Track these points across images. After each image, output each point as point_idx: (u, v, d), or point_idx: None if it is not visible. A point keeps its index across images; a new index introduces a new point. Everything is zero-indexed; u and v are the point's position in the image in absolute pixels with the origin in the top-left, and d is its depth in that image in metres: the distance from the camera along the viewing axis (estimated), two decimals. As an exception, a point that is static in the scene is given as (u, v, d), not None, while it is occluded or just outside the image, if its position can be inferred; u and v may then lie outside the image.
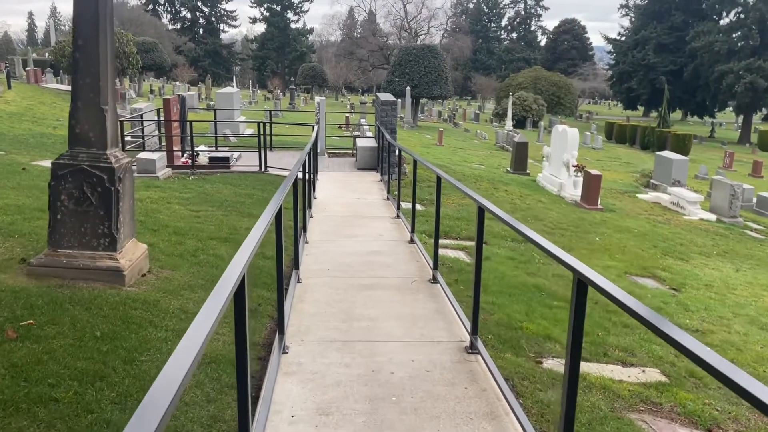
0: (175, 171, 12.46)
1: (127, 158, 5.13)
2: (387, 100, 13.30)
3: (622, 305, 2.18)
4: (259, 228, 2.86)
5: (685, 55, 64.55)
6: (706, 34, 58.86)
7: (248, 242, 2.58)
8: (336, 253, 6.74)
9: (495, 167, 23.05)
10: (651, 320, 1.99)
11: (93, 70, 4.69)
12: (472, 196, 4.25)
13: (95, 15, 4.61)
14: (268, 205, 3.71)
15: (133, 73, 34.25)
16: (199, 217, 7.89)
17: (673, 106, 62.39)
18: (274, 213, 3.38)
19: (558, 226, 11.11)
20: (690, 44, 61.37)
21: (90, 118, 4.78)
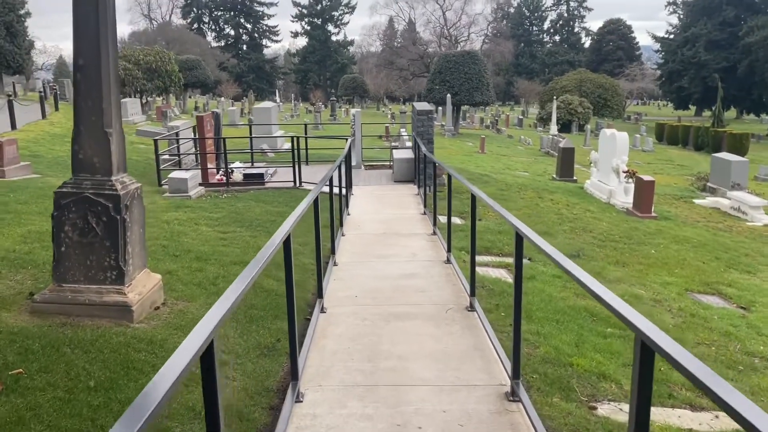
0: (208, 189, 12.26)
1: (136, 184, 4.79)
2: (423, 110, 12.81)
3: (697, 382, 1.62)
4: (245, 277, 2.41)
5: (738, 51, 61.89)
6: (761, 28, 56.29)
7: (223, 301, 2.14)
8: (366, 277, 6.27)
9: (540, 174, 22.23)
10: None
11: (95, 92, 4.38)
12: (510, 220, 3.71)
13: (96, 33, 4.31)
14: (275, 234, 3.27)
15: (175, 90, 34.77)
16: (225, 240, 7.56)
17: (727, 104, 59.82)
18: (274, 249, 2.93)
19: (609, 237, 10.37)
20: (743, 40, 58.84)
21: (93, 142, 4.46)
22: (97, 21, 4.30)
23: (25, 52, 49.61)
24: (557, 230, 10.41)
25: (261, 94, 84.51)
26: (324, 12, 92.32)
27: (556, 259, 2.82)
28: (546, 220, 11.18)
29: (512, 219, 3.72)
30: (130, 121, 26.50)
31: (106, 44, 4.36)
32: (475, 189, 5.04)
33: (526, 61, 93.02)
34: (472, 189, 5.06)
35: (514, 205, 12.40)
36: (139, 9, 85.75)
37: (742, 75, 61.05)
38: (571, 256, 8.74)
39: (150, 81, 31.00)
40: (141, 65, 30.70)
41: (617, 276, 7.96)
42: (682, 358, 1.67)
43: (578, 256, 8.71)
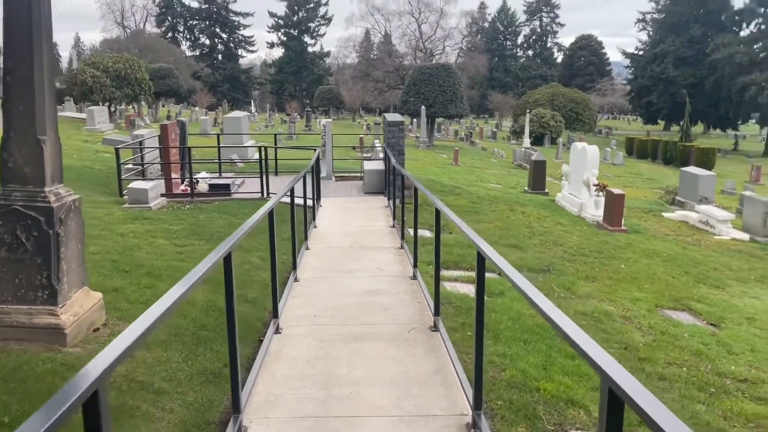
0: (171, 200, 11.85)
1: (74, 195, 4.44)
2: (394, 121, 12.61)
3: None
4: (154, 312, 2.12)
5: (705, 67, 63.24)
6: (727, 46, 57.65)
7: (110, 349, 1.83)
8: (328, 294, 5.98)
9: (512, 186, 22.20)
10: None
11: (27, 95, 4.04)
12: (473, 239, 3.45)
13: (28, 31, 3.98)
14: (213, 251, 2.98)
15: (146, 99, 34.11)
16: (182, 254, 7.20)
17: (695, 119, 61.00)
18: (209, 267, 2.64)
19: (579, 251, 10.23)
20: (710, 57, 60.16)
21: (25, 150, 4.11)
22: (29, 19, 3.97)
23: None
24: (528, 244, 10.25)
25: (236, 104, 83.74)
26: (300, 23, 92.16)
27: (520, 287, 2.57)
28: (517, 233, 11.02)
29: (474, 237, 3.47)
30: (97, 129, 25.84)
31: (40, 44, 4.03)
32: (439, 203, 4.80)
33: (500, 75, 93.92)
34: (436, 203, 4.82)
35: (486, 217, 12.24)
36: (113, 16, 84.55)
37: (709, 91, 62.36)
38: (541, 270, 8.58)
39: (119, 89, 30.33)
40: (110, 72, 30.03)
41: (587, 291, 7.79)
42: (656, 414, 1.43)
43: (548, 270, 8.54)
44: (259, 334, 4.98)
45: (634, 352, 5.52)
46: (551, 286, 7.79)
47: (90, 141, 21.48)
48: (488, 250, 3.19)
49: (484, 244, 3.28)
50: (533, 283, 7.19)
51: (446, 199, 14.10)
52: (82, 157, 16.93)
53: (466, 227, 3.86)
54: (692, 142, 44.69)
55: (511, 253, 9.44)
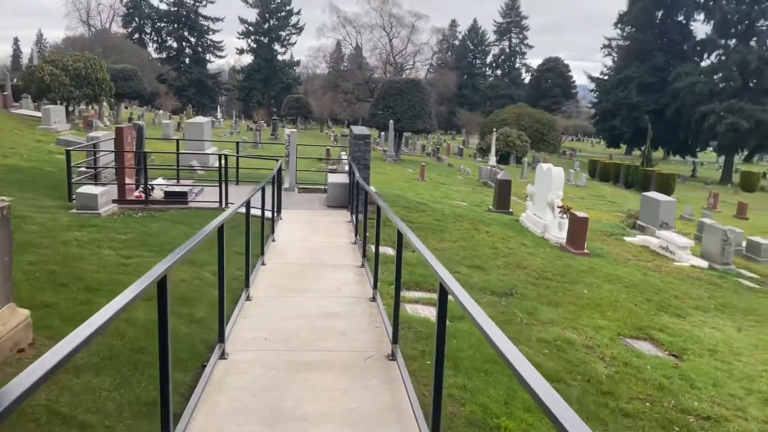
0: (123, 207, 11.34)
1: (2, 203, 4.04)
2: (360, 134, 12.36)
3: None
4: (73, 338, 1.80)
5: (667, 95, 64.99)
6: (688, 75, 59.43)
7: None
8: (281, 316, 5.64)
9: (477, 204, 22.16)
10: None
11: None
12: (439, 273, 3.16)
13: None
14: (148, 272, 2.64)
15: (107, 100, 33.15)
16: (128, 266, 6.77)
17: (656, 144, 62.52)
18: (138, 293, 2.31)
19: (543, 275, 10.10)
20: (672, 84, 61.87)
21: (-56, 151, 3.72)
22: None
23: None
24: (491, 265, 10.08)
25: (202, 109, 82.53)
26: (271, 31, 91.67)
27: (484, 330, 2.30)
28: (481, 253, 10.85)
29: (439, 269, 3.20)
30: (52, 129, 24.91)
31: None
32: (402, 225, 4.53)
33: (469, 93, 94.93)
34: (399, 226, 4.55)
35: (450, 236, 12.05)
36: (78, 14, 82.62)
37: (670, 117, 64.06)
38: (504, 294, 8.39)
39: (78, 88, 29.37)
40: (69, 71, 29.08)
41: (550, 317, 7.62)
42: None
43: (511, 294, 8.36)
44: (204, 359, 4.62)
45: (597, 386, 5.33)
46: (514, 311, 7.59)
47: (43, 141, 20.65)
48: (450, 282, 2.93)
49: (446, 275, 3.02)
50: (496, 307, 6.98)
51: (411, 215, 13.89)
52: (33, 158, 16.20)
53: (426, 253, 3.60)
54: (653, 167, 45.75)
55: (475, 275, 9.25)
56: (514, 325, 6.97)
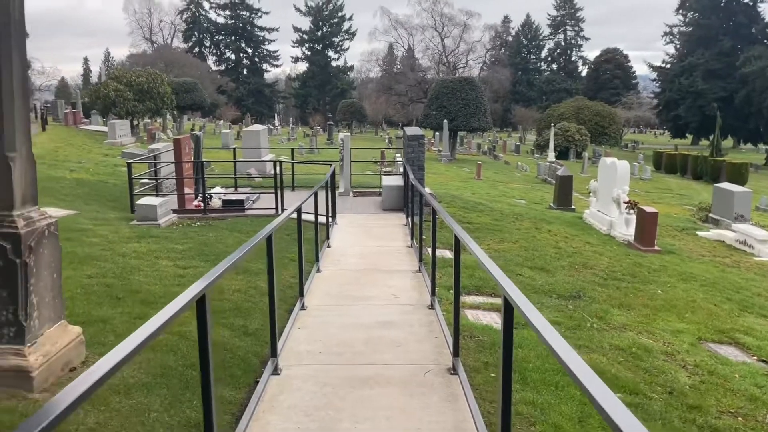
0: (183, 216, 11.46)
1: (49, 219, 3.98)
2: (414, 135, 12.09)
3: None
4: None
5: (735, 80, 61.90)
6: (758, 59, 56.33)
7: None
8: (336, 326, 5.44)
9: (537, 202, 21.51)
10: None
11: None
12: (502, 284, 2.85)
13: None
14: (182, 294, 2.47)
15: (170, 112, 34.17)
16: (184, 277, 6.73)
17: (725, 133, 59.54)
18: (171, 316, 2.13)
19: (611, 275, 9.55)
20: (740, 70, 58.84)
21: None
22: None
23: (21, 72, 49.20)
24: (556, 266, 9.60)
25: (260, 118, 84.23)
26: (324, 38, 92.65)
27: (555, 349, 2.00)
28: (543, 254, 10.38)
29: (504, 282, 2.88)
30: (117, 142, 25.80)
31: (9, 50, 3.60)
32: (460, 230, 4.23)
33: (524, 89, 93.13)
34: (456, 230, 4.26)
35: (510, 236, 11.61)
36: (141, 32, 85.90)
37: (739, 104, 60.95)
38: (571, 297, 7.93)
39: (141, 102, 30.36)
40: (132, 86, 30.10)
41: (622, 321, 7.13)
42: None
43: (579, 297, 7.89)
44: (257, 374, 4.45)
45: (681, 398, 4.86)
46: (583, 315, 7.14)
47: (109, 155, 21.35)
48: (516, 295, 2.63)
49: (513, 289, 2.71)
50: (563, 311, 6.56)
51: (469, 215, 13.51)
52: (99, 171, 16.72)
53: (487, 261, 3.30)
54: (723, 157, 43.48)
55: (539, 277, 8.82)
56: (584, 331, 6.54)
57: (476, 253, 3.55)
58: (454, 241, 4.41)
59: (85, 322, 4.89)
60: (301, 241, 5.86)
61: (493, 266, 3.14)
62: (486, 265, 3.21)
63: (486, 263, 3.21)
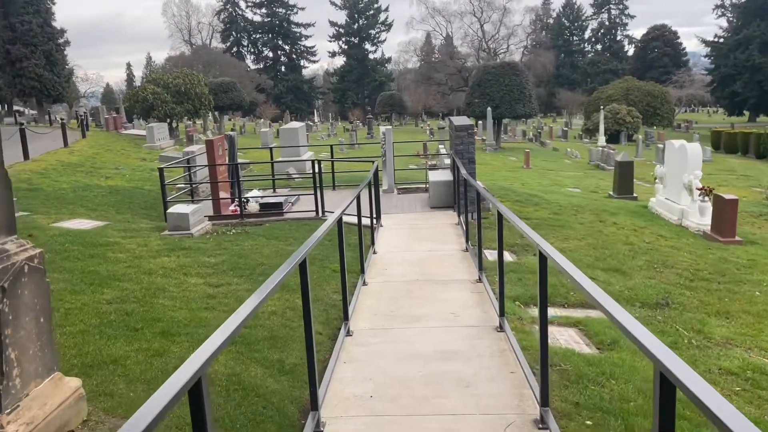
0: (219, 223, 10.77)
1: (31, 251, 3.20)
2: (462, 125, 11.09)
3: None
4: None
5: (796, 52, 58.27)
6: (821, 26, 52.71)
7: None
8: (389, 358, 4.55)
9: (592, 190, 20.18)
10: None
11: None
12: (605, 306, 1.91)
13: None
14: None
15: (205, 113, 33.91)
16: (214, 298, 5.95)
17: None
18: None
19: (697, 274, 8.37)
20: (802, 40, 55.23)
21: (-52, 193, 2.92)
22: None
23: (65, 80, 50.06)
24: (632, 266, 8.49)
25: (300, 115, 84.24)
26: (361, 31, 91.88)
27: None
28: (615, 252, 9.26)
29: (613, 308, 1.95)
30: (156, 146, 25.56)
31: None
32: (543, 242, 3.29)
33: (567, 72, 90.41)
34: (538, 242, 3.31)
35: (574, 233, 10.51)
36: (180, 35, 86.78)
37: (802, 77, 57.37)
38: (657, 304, 6.85)
39: (179, 104, 30.12)
40: (170, 89, 29.87)
41: (724, 334, 6.02)
42: None
43: (667, 304, 6.80)
44: (296, 430, 3.60)
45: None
46: (676, 327, 6.07)
47: (147, 159, 21.01)
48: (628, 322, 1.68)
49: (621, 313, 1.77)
50: (653, 324, 5.44)
51: (525, 210, 12.44)
52: (135, 177, 16.28)
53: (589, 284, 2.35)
54: (789, 133, 40.79)
55: (615, 280, 7.74)
56: (682, 350, 5.47)
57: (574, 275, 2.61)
58: (539, 258, 3.46)
59: (93, 365, 4.14)
60: (344, 257, 4.98)
61: (589, 283, 2.20)
62: (589, 290, 2.27)
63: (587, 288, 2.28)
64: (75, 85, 64.46)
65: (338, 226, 4.94)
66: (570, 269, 2.91)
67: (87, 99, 75.94)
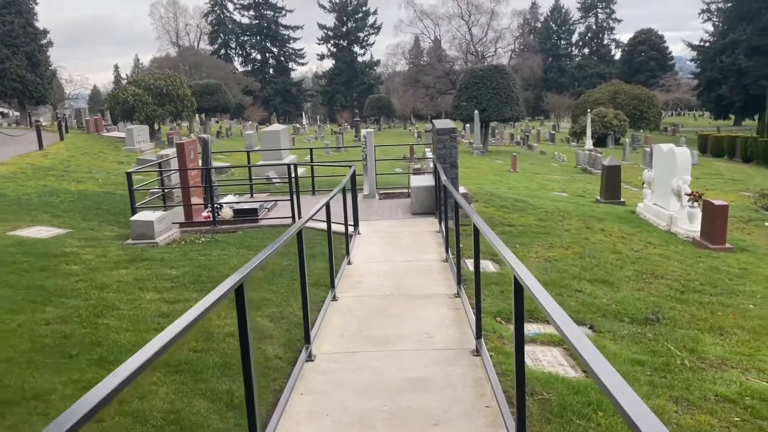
0: (188, 230, 10.26)
1: None
2: (444, 128, 10.65)
3: None
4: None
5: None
6: (807, 31, 52.94)
7: None
8: (351, 389, 4.07)
9: (579, 194, 19.85)
10: None
11: None
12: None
13: None
14: None
15: (188, 115, 33.25)
16: (167, 317, 5.45)
17: None
18: None
19: (688, 286, 7.97)
20: (788, 44, 55.47)
21: None
22: None
23: (48, 81, 49.15)
24: (620, 277, 8.08)
25: (288, 117, 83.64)
26: (349, 34, 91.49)
27: None
28: (603, 261, 8.85)
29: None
30: (136, 149, 24.93)
31: None
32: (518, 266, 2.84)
33: (555, 75, 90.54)
34: (513, 267, 2.87)
35: (560, 240, 10.10)
36: (168, 37, 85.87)
37: (787, 81, 57.56)
38: (647, 320, 6.43)
39: (161, 106, 29.49)
40: (151, 90, 29.24)
41: (719, 354, 5.61)
42: None
43: (657, 320, 6.38)
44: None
45: None
46: (668, 346, 5.64)
47: (125, 162, 20.40)
48: None
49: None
50: (643, 343, 4.96)
51: (510, 216, 12.02)
52: (108, 181, 15.69)
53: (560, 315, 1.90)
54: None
55: (602, 292, 7.32)
56: (675, 373, 5.04)
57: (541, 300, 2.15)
58: (514, 286, 3.01)
59: (11, 402, 3.64)
60: (305, 275, 4.50)
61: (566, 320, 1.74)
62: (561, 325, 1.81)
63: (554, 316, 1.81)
64: (59, 87, 63.51)
65: (298, 239, 4.46)
66: (544, 300, 2.45)
67: (72, 101, 74.83)
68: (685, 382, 4.85)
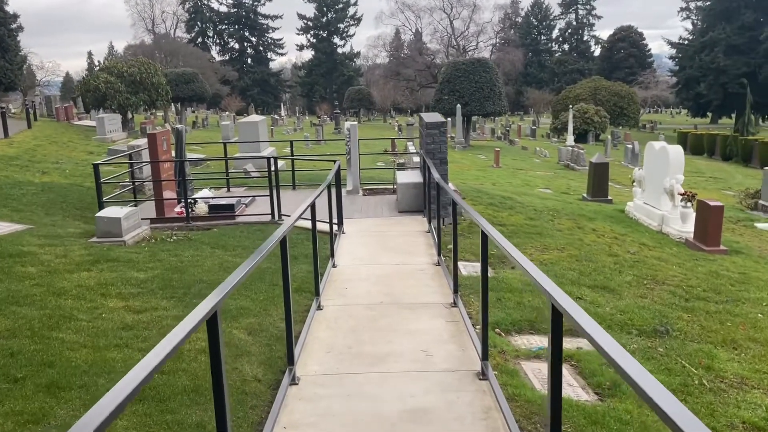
0: (160, 227, 9.59)
1: None
2: (433, 122, 10.11)
3: None
4: None
5: (759, 55, 59.14)
6: (784, 31, 53.49)
7: None
8: (342, 421, 3.53)
9: (564, 191, 19.52)
10: None
11: None
12: None
13: None
14: None
15: (163, 104, 32.21)
16: (132, 329, 4.84)
17: (748, 110, 56.76)
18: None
19: (691, 292, 7.57)
20: (765, 44, 55.98)
21: None
22: None
23: (17, 67, 47.46)
24: (620, 282, 7.64)
25: (266, 108, 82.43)
26: (330, 24, 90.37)
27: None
28: (600, 264, 8.41)
29: None
30: (108, 138, 23.97)
31: None
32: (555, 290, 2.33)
33: (535, 71, 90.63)
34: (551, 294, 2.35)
35: (553, 241, 9.65)
36: (144, 24, 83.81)
37: (764, 80, 58.19)
38: (656, 332, 5.98)
39: (134, 94, 28.48)
40: (124, 78, 28.20)
41: (737, 371, 5.18)
42: None
43: (666, 332, 5.94)
44: None
45: None
46: (681, 363, 5.20)
47: (95, 152, 19.50)
48: None
49: None
50: (655, 359, 4.34)
51: (499, 215, 11.56)
52: (76, 173, 14.86)
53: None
54: (754, 136, 41.08)
55: (604, 300, 6.87)
56: (695, 395, 4.59)
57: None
58: (551, 311, 2.49)
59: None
60: (289, 287, 3.93)
61: None
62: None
63: None
64: (31, 74, 61.61)
65: (281, 248, 3.89)
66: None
67: (44, 88, 72.72)
68: (708, 407, 4.40)
